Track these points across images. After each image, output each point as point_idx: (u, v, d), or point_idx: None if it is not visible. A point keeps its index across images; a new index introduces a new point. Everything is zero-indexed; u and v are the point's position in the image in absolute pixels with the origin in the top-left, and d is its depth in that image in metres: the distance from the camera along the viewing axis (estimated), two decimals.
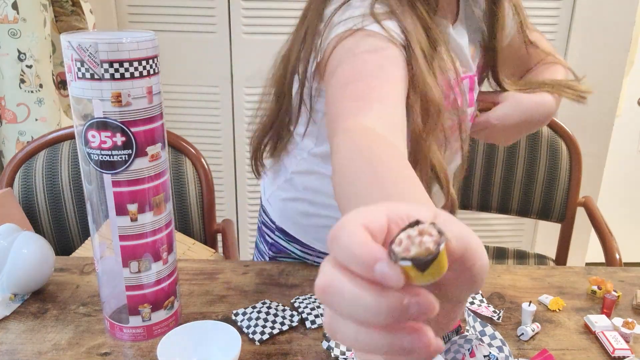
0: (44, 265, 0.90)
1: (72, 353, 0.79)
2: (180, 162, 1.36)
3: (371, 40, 0.71)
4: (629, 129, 2.56)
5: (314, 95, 0.85)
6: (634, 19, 1.95)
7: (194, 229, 1.39)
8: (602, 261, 1.34)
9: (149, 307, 0.80)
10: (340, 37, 0.72)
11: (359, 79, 0.67)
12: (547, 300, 0.93)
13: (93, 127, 0.70)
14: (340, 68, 0.70)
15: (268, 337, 0.83)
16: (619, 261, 1.32)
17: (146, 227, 0.76)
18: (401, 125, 0.65)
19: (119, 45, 0.66)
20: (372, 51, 0.70)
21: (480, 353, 0.72)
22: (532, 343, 0.83)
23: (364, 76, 0.67)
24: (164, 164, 0.76)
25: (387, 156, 0.51)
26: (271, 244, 1.11)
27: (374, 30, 0.71)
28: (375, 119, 0.61)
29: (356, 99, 0.64)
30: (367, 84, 0.66)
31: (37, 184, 1.30)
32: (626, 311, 0.92)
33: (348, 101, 0.65)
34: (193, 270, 1.02)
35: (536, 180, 1.53)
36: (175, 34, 1.95)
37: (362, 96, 0.64)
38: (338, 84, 0.69)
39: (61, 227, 1.34)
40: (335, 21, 0.75)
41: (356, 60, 0.69)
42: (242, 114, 2.02)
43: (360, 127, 0.59)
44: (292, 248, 1.08)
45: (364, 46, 0.70)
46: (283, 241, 1.08)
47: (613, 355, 0.80)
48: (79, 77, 0.68)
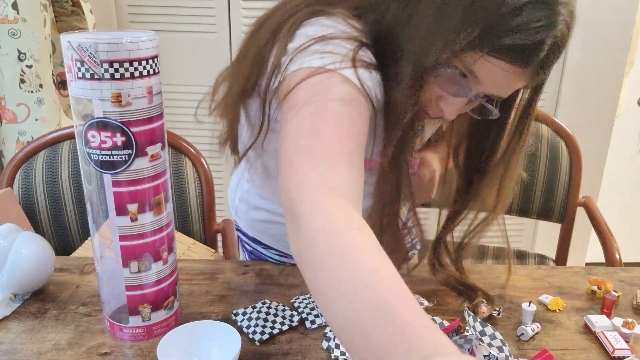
0: (44, 265, 0.90)
1: (72, 353, 0.79)
2: (180, 162, 1.36)
3: (345, 88, 0.66)
4: (629, 129, 2.56)
5: (272, 116, 0.80)
6: (634, 19, 1.95)
7: (194, 229, 1.39)
8: (602, 261, 1.34)
9: (149, 307, 0.80)
10: (314, 72, 0.67)
11: (329, 130, 0.62)
12: (547, 300, 0.93)
13: (93, 127, 0.70)
14: (308, 109, 0.64)
15: (268, 337, 0.82)
16: (619, 261, 1.32)
17: (146, 227, 0.76)
18: (361, 188, 0.62)
19: (119, 45, 0.66)
20: (346, 102, 0.65)
21: (480, 353, 0.72)
22: (532, 343, 0.83)
23: (335, 128, 0.63)
24: (164, 164, 0.76)
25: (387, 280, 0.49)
26: (250, 251, 1.11)
27: (349, 78, 0.67)
28: (345, 182, 0.59)
29: (325, 153, 0.61)
30: (338, 139, 0.62)
31: (37, 184, 1.30)
32: (626, 311, 0.92)
33: (316, 153, 0.61)
34: (193, 270, 1.02)
35: (536, 180, 1.53)
36: (175, 34, 1.95)
37: (332, 152, 0.61)
38: (304, 126, 0.63)
39: (61, 227, 1.34)
40: (313, 49, 0.69)
41: (327, 106, 0.64)
42: None
43: (333, 201, 0.55)
44: (270, 254, 1.07)
45: (338, 93, 0.65)
46: (261, 248, 1.08)
47: (613, 355, 0.80)
48: (79, 77, 0.68)
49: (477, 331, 0.73)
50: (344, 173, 0.59)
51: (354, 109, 0.66)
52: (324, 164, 0.59)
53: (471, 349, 0.73)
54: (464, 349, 0.74)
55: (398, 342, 0.44)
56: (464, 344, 0.73)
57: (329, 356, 0.80)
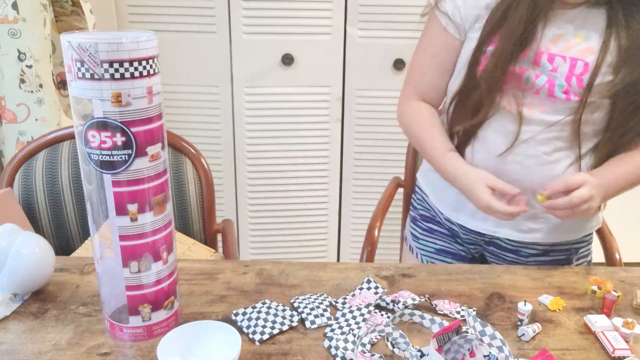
0: (44, 265, 0.90)
1: (72, 353, 0.79)
2: (180, 162, 1.36)
3: (434, 26, 1.09)
4: None
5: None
6: None
7: (194, 229, 1.39)
8: (602, 261, 1.34)
9: (149, 307, 0.80)
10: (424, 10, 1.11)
11: (416, 56, 1.15)
12: (547, 300, 0.93)
13: (93, 127, 0.70)
14: (420, 41, 1.15)
15: (268, 337, 0.83)
16: (619, 261, 1.32)
17: (146, 227, 0.76)
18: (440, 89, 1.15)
19: (119, 45, 0.66)
20: (430, 43, 1.11)
21: (480, 353, 0.72)
22: (532, 343, 0.83)
23: (423, 55, 1.13)
24: (164, 164, 0.76)
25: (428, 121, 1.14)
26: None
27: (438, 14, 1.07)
28: (426, 88, 1.15)
29: (414, 69, 1.16)
30: (422, 65, 1.14)
31: (37, 184, 1.30)
32: (626, 311, 0.92)
33: (410, 70, 1.17)
34: (193, 270, 1.02)
35: None
36: (175, 34, 1.95)
37: (415, 69, 1.16)
38: (417, 50, 1.15)
39: (61, 227, 1.34)
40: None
41: (421, 42, 1.14)
42: (242, 114, 2.02)
43: (414, 103, 1.17)
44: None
45: (429, 32, 1.11)
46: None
47: (613, 355, 0.80)
48: (79, 77, 0.68)
49: (477, 331, 0.73)
50: (426, 79, 1.15)
51: (435, 48, 1.11)
52: (410, 81, 1.18)
53: (471, 349, 0.73)
54: (464, 349, 0.74)
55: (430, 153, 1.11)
56: (464, 344, 0.73)
57: (329, 356, 0.80)
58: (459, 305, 0.92)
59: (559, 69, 0.97)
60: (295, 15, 1.91)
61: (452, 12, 1.04)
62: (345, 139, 2.11)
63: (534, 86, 0.99)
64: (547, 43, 0.98)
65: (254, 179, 2.12)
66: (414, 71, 1.15)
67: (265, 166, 2.11)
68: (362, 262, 1.20)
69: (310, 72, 2.00)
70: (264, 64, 1.98)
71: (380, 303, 0.92)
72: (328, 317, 0.88)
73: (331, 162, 2.13)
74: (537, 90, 0.99)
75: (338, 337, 0.82)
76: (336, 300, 0.93)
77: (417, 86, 1.15)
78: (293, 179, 2.14)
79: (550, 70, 0.97)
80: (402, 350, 0.80)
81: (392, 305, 0.90)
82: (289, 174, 2.13)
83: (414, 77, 1.15)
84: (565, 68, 0.97)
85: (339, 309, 0.90)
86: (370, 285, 0.97)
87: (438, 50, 1.09)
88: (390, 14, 1.93)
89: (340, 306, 0.91)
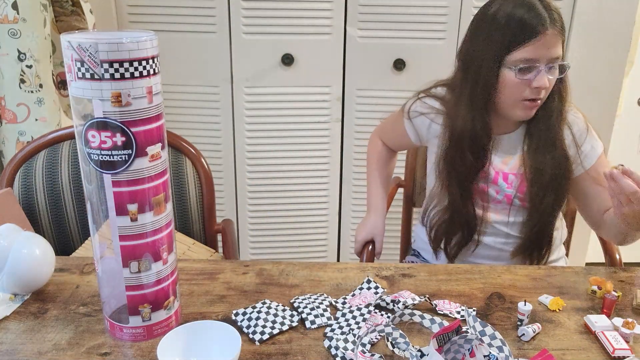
0: (44, 265, 0.90)
1: (72, 353, 0.79)
2: (180, 162, 1.36)
3: (400, 120, 1.33)
4: (629, 129, 2.56)
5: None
6: (634, 19, 1.95)
7: (194, 229, 1.39)
8: (602, 261, 1.34)
9: (149, 307, 0.80)
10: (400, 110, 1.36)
11: (389, 123, 1.42)
12: (547, 300, 0.93)
13: (93, 127, 0.70)
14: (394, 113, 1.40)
15: (268, 337, 0.83)
16: (619, 261, 1.32)
17: (146, 227, 0.76)
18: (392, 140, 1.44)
19: (119, 45, 0.66)
20: (395, 126, 1.37)
21: (480, 353, 0.72)
22: (532, 343, 0.83)
23: (390, 126, 1.41)
24: (164, 164, 0.76)
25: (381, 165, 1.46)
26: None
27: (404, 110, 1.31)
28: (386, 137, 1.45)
29: (382, 127, 1.46)
30: (388, 130, 1.43)
31: (37, 184, 1.30)
32: (626, 311, 0.92)
33: (381, 126, 1.47)
34: (193, 270, 1.02)
35: None
36: (175, 34, 1.95)
37: (384, 127, 1.45)
38: (390, 117, 1.42)
39: (61, 227, 1.34)
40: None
41: (393, 116, 1.39)
42: (242, 114, 2.02)
43: (378, 141, 1.46)
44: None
45: (398, 120, 1.34)
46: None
47: (613, 355, 0.80)
48: (79, 77, 0.68)
49: (477, 331, 0.73)
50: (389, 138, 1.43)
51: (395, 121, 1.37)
52: (381, 129, 1.46)
53: (471, 349, 0.73)
54: (464, 349, 0.74)
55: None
56: (464, 344, 0.73)
57: (329, 356, 0.80)
58: (459, 305, 0.92)
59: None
60: (295, 15, 1.91)
61: (417, 125, 1.27)
62: (345, 139, 2.11)
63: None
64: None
65: (254, 179, 2.12)
66: (384, 124, 1.44)
67: (265, 166, 2.11)
68: (362, 262, 1.20)
69: (310, 72, 2.00)
70: (264, 64, 1.98)
71: (380, 303, 0.92)
72: (328, 317, 0.88)
73: (331, 162, 2.13)
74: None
75: (338, 337, 0.82)
76: (336, 300, 0.93)
77: (383, 136, 1.44)
78: (293, 179, 2.14)
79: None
80: (402, 350, 0.80)
81: (392, 305, 0.90)
82: (289, 174, 2.13)
83: (384, 128, 1.44)
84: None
85: (339, 309, 0.90)
86: (370, 285, 0.97)
87: (399, 135, 1.34)
88: (390, 14, 1.93)
89: (340, 306, 0.91)
